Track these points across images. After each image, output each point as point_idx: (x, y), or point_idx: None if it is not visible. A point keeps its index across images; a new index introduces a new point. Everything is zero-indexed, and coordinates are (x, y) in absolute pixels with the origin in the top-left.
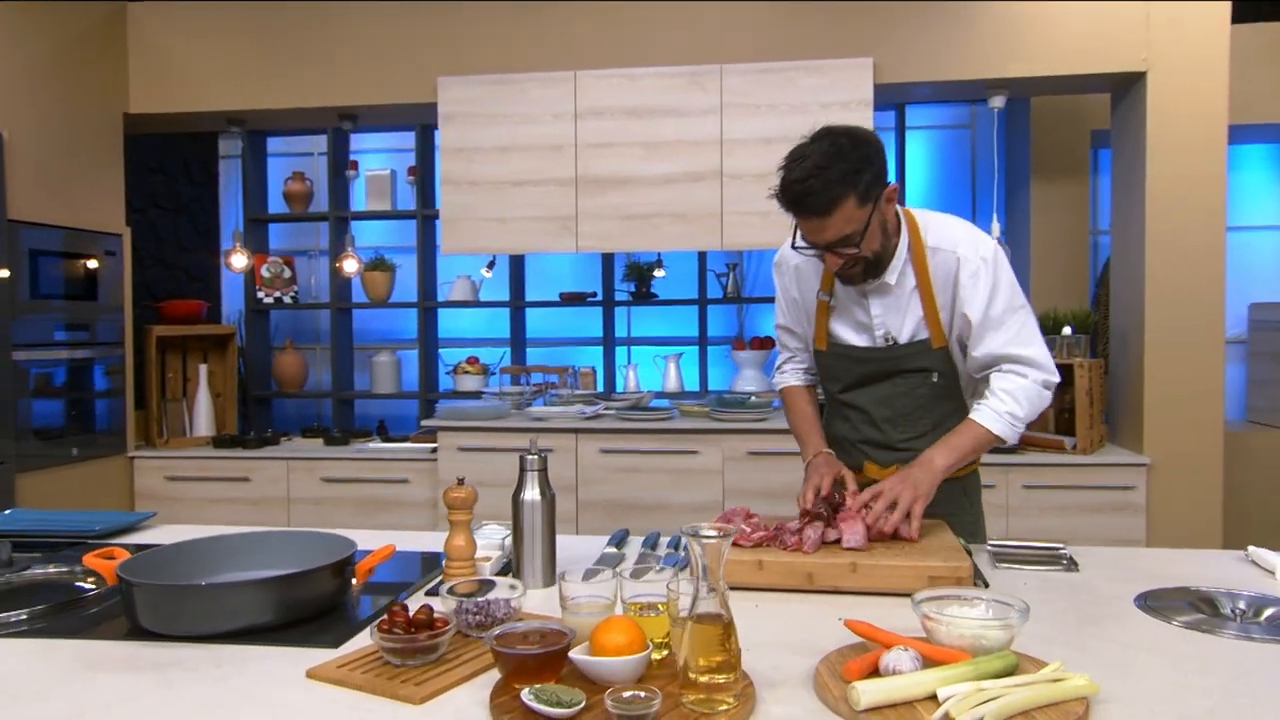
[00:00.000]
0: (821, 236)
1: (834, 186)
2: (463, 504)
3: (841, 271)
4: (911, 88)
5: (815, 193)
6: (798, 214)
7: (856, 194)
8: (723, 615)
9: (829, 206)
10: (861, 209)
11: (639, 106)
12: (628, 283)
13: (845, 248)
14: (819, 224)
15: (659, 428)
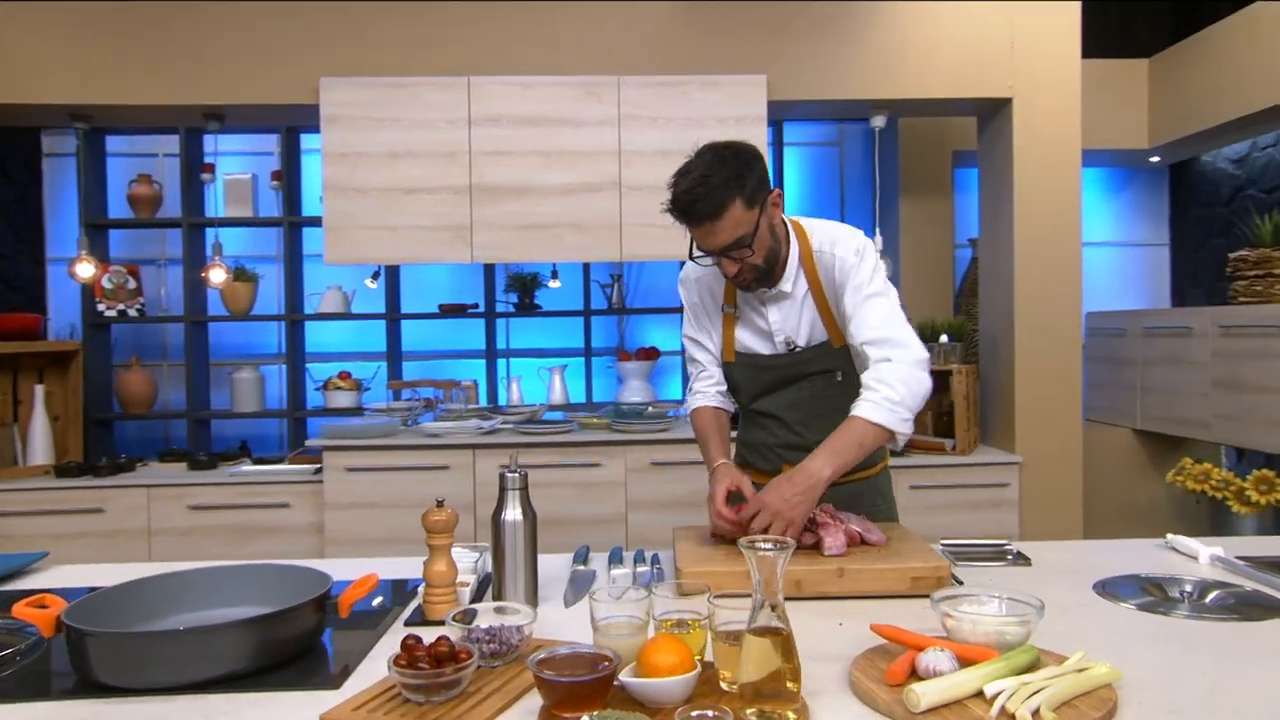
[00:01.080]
0: (714, 242)
1: (719, 192)
2: (444, 527)
3: (737, 278)
4: (801, 105)
5: (703, 199)
6: (689, 222)
7: (743, 198)
8: (783, 628)
9: (717, 211)
10: (749, 212)
11: (536, 115)
12: (510, 294)
13: (738, 251)
14: (710, 229)
15: (559, 440)
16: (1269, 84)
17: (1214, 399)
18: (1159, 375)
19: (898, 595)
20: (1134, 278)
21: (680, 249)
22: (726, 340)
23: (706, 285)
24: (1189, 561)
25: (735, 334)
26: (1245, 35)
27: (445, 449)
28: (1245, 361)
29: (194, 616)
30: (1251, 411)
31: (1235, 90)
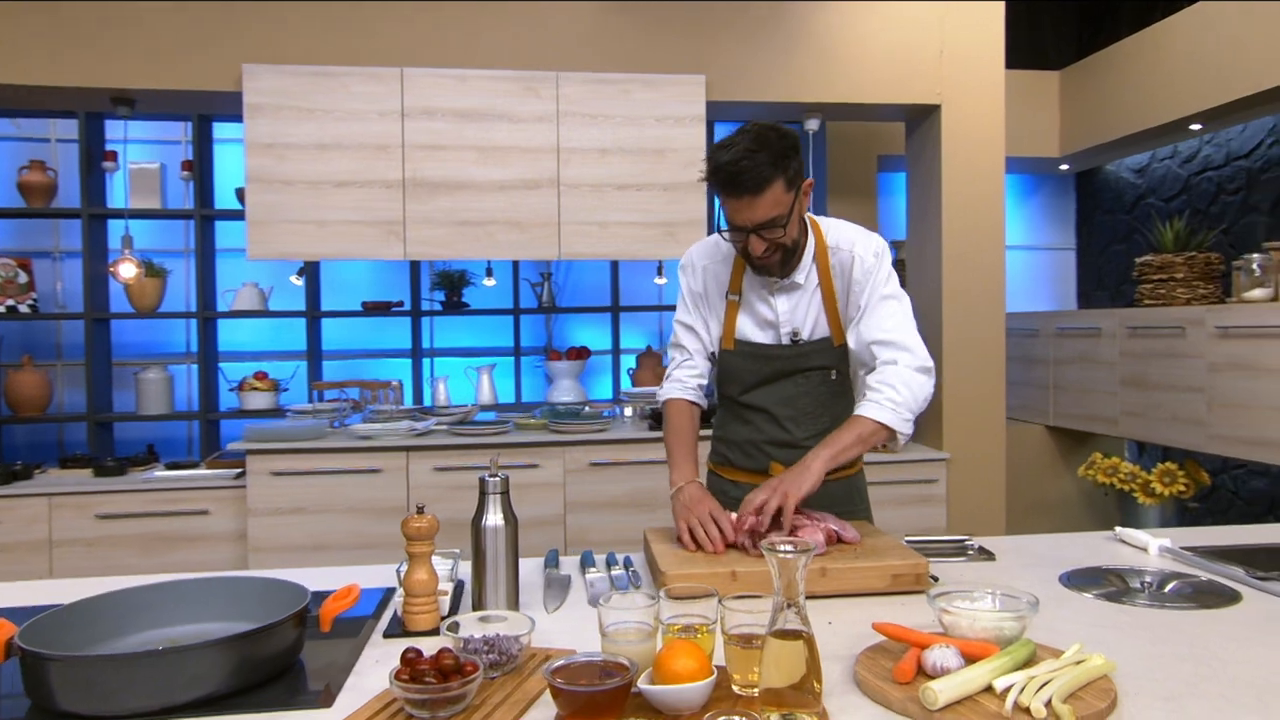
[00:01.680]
0: (751, 217)
1: (765, 168)
2: (425, 534)
3: (761, 258)
4: (739, 106)
5: (749, 171)
6: (731, 194)
7: (785, 178)
8: (805, 630)
9: (761, 186)
10: (788, 194)
11: (471, 109)
12: (436, 292)
13: (772, 230)
14: (750, 203)
15: (496, 442)
16: (1168, 101)
17: (1122, 396)
18: (1070, 374)
19: (878, 593)
20: (1043, 280)
21: (621, 250)
22: (727, 328)
23: (712, 271)
24: (1139, 553)
25: (737, 322)
26: (1149, 53)
27: (377, 451)
28: (1150, 361)
29: (156, 635)
30: (1156, 408)
31: (1138, 105)
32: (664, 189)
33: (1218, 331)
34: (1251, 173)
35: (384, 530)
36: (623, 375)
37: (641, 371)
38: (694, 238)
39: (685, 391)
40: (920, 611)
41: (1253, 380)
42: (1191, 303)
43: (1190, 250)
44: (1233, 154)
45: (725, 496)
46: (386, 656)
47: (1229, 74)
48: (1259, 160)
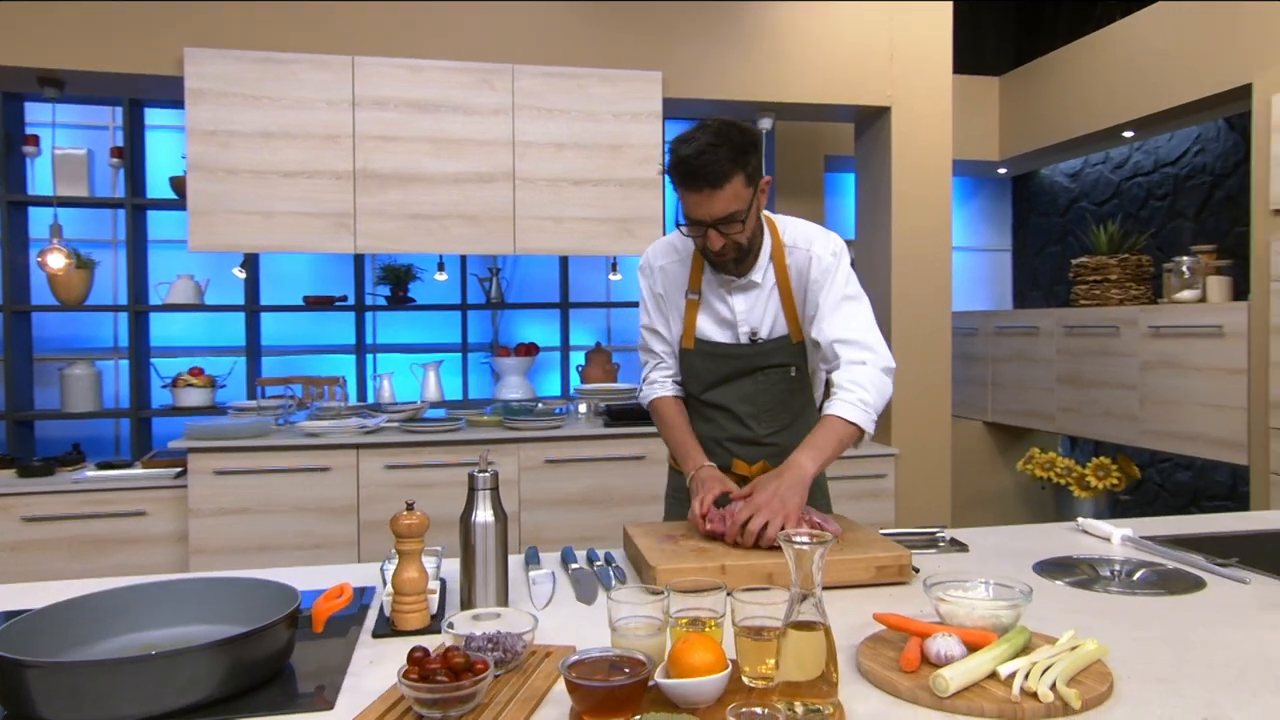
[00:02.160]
0: (709, 211)
1: (725, 163)
2: (415, 531)
3: (717, 255)
4: (695, 104)
5: (709, 166)
6: (690, 188)
7: (745, 174)
8: (823, 621)
9: (721, 180)
10: (747, 189)
11: (425, 100)
12: (381, 286)
13: (730, 225)
14: (710, 197)
15: (449, 439)
16: (1103, 108)
17: (1058, 393)
18: (1008, 371)
19: (863, 585)
20: (980, 280)
21: (577, 245)
22: (687, 326)
23: (671, 272)
24: (1102, 543)
25: (697, 321)
26: (1085, 62)
27: (326, 449)
28: (1086, 359)
29: (134, 640)
30: (1091, 404)
31: (1075, 111)
32: (620, 185)
33: (1150, 331)
34: (1178, 179)
35: (334, 530)
36: (572, 372)
37: (591, 368)
38: (651, 234)
39: (667, 389)
40: (905, 602)
41: (1183, 378)
42: (1124, 303)
43: (1123, 253)
44: (1161, 161)
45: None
46: (379, 657)
47: (1160, 84)
48: (1185, 168)
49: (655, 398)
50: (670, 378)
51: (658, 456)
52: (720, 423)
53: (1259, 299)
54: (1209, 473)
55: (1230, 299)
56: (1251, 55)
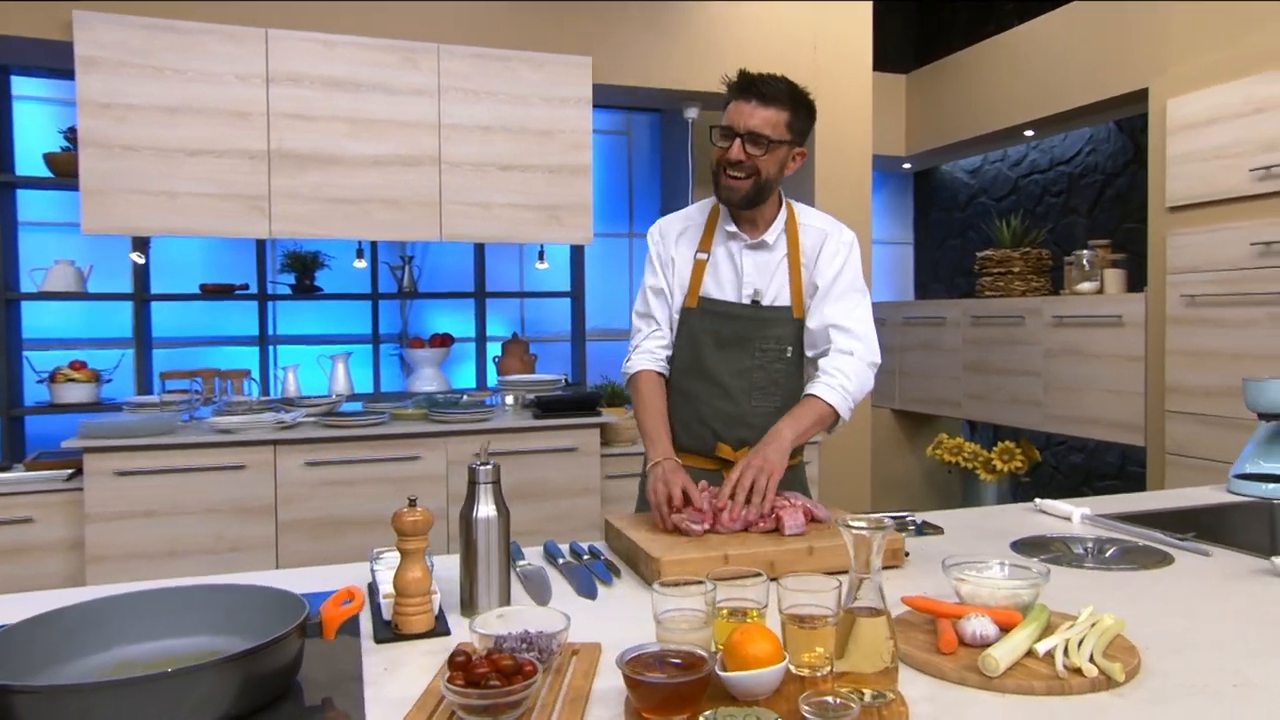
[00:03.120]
0: (747, 122)
1: (782, 92)
2: (420, 529)
3: (731, 173)
4: (622, 91)
5: (767, 83)
6: (739, 96)
7: (791, 116)
8: (882, 607)
9: (770, 100)
10: (787, 132)
11: (344, 78)
12: (285, 274)
13: (757, 145)
14: (752, 110)
15: (373, 433)
16: (1005, 109)
17: (964, 381)
18: (915, 360)
19: None
20: (883, 272)
21: (505, 232)
22: (693, 284)
23: (688, 235)
24: (1063, 522)
25: (703, 279)
26: (989, 63)
27: (239, 446)
28: (991, 348)
29: (112, 658)
30: (997, 391)
31: (978, 111)
32: (550, 171)
33: (1054, 320)
34: (1072, 177)
35: (249, 531)
36: (488, 364)
37: (508, 359)
38: (581, 222)
39: (655, 363)
40: (902, 584)
41: (1083, 365)
42: (1026, 294)
43: (1025, 246)
44: (1056, 159)
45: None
46: (393, 663)
47: (1061, 86)
48: (1079, 166)
49: (642, 369)
50: (663, 349)
51: (590, 448)
52: (707, 398)
53: (1156, 291)
54: (1100, 454)
55: (1124, 291)
56: (1148, 61)
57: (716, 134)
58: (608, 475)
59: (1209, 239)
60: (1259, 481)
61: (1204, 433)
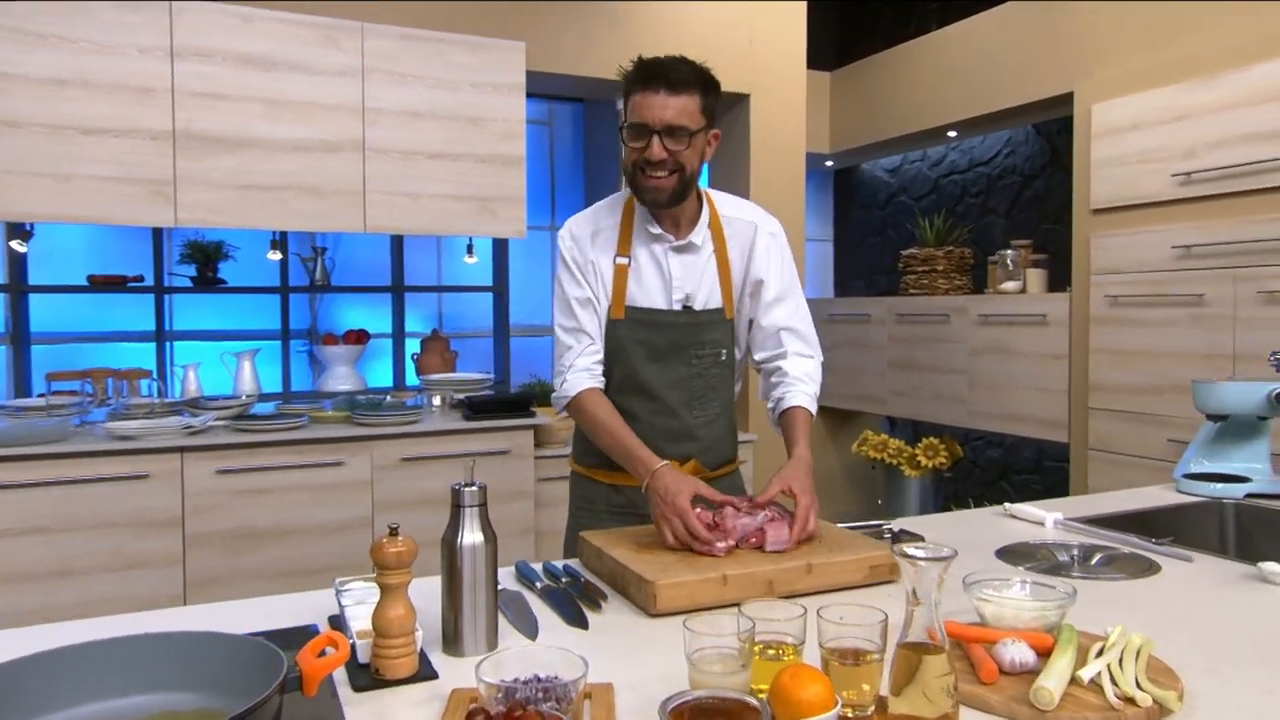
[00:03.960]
0: (661, 116)
1: (688, 75)
2: (404, 561)
3: (653, 174)
4: (555, 79)
5: (671, 69)
6: (647, 87)
7: (702, 98)
8: (943, 644)
9: (679, 87)
10: (700, 117)
11: (259, 55)
12: (185, 265)
13: (676, 140)
14: (665, 101)
15: (291, 438)
16: (930, 109)
17: (890, 378)
18: (840, 357)
19: (857, 585)
20: (805, 268)
21: (434, 224)
22: (616, 294)
23: (602, 236)
24: (1036, 527)
25: (627, 287)
26: (916, 63)
27: (142, 454)
28: (916, 345)
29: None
30: (922, 388)
31: (903, 110)
32: (481, 161)
33: (979, 319)
34: (991, 178)
35: (153, 546)
36: (407, 361)
37: (428, 357)
38: (514, 215)
39: (595, 380)
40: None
41: (1008, 362)
42: (950, 292)
43: (948, 245)
44: (975, 160)
45: (608, 504)
46: (380, 715)
47: (987, 88)
48: (997, 168)
49: (585, 389)
50: (599, 364)
51: (523, 451)
52: (644, 415)
53: (1079, 290)
54: (1017, 449)
55: (1045, 290)
56: (1072, 66)
57: (627, 133)
58: (541, 478)
59: (1132, 241)
60: (1207, 481)
61: (1126, 429)
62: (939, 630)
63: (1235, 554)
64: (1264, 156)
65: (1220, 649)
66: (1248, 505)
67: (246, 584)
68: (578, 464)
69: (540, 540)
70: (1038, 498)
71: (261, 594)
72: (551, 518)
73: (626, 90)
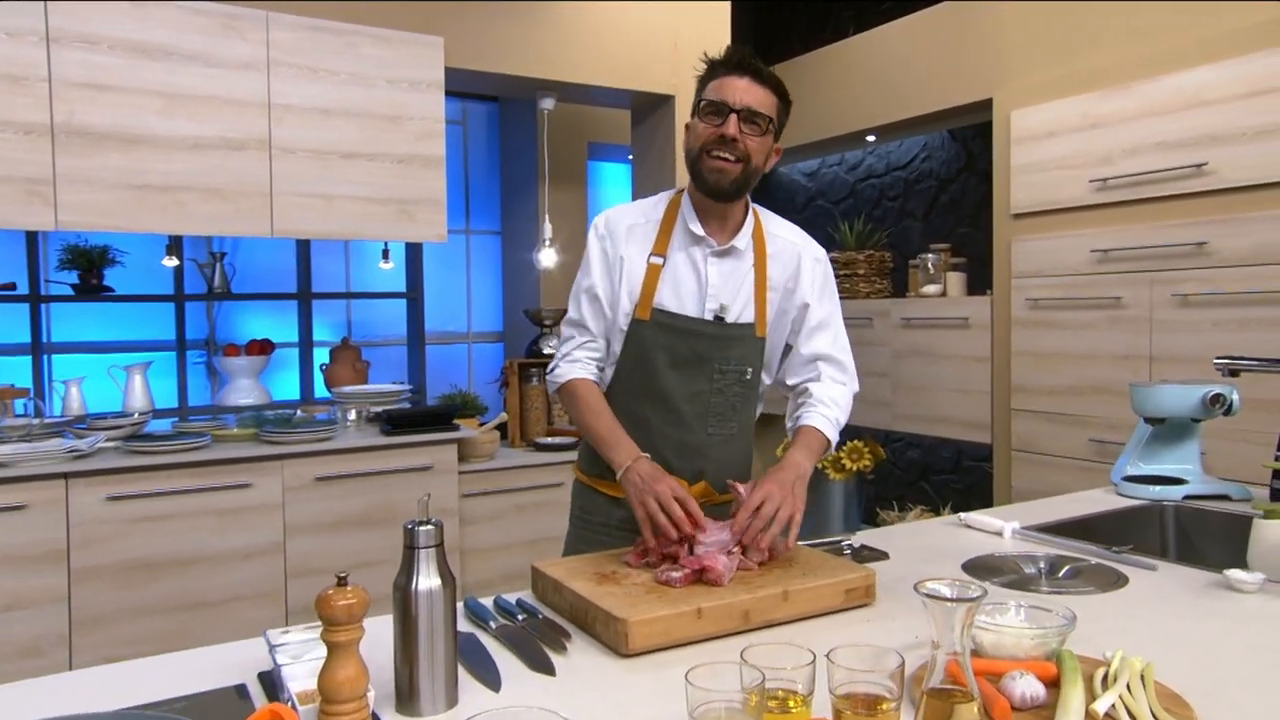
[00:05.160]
0: (743, 98)
1: (774, 79)
2: (355, 615)
3: (721, 155)
4: (475, 76)
5: (759, 64)
6: (733, 72)
7: (779, 103)
8: (971, 691)
9: (765, 80)
10: (775, 116)
11: (152, 44)
12: (65, 271)
13: (753, 125)
14: (749, 86)
15: (192, 459)
16: (851, 113)
17: None
18: None
19: (834, 611)
20: None
21: (349, 228)
22: (645, 293)
23: (638, 232)
24: (994, 538)
25: (657, 290)
26: (837, 68)
27: (19, 482)
28: None
29: None
30: None
31: (824, 114)
32: (399, 161)
33: (902, 322)
34: (908, 183)
35: (32, 585)
36: (316, 373)
37: (338, 368)
38: (434, 219)
39: (589, 372)
40: (879, 625)
41: (931, 365)
42: (871, 296)
43: (868, 249)
44: (892, 165)
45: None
46: None
47: (907, 94)
48: (914, 172)
49: (575, 378)
50: (595, 360)
51: (446, 466)
52: (657, 424)
53: (1001, 294)
54: (936, 450)
55: (965, 294)
56: (991, 73)
57: (704, 111)
58: (465, 494)
59: (1051, 245)
60: (1146, 484)
61: (1048, 429)
62: (968, 675)
63: (1177, 556)
64: (1175, 164)
65: (1218, 670)
66: (1186, 507)
67: (141, 621)
68: (582, 471)
69: (466, 560)
70: (958, 497)
71: (158, 630)
72: (476, 536)
73: (707, 76)
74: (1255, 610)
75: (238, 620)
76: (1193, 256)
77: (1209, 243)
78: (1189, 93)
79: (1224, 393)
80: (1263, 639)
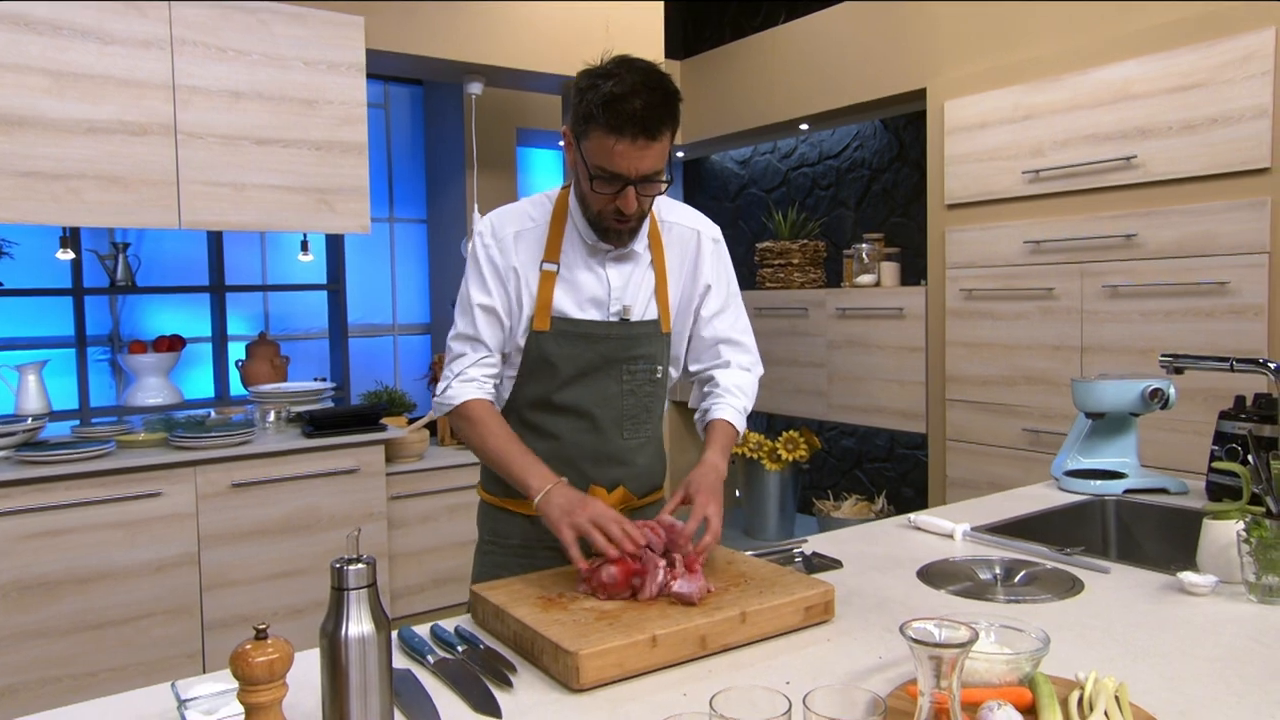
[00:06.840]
0: (639, 166)
1: (664, 112)
2: (277, 673)
3: (621, 222)
4: (397, 59)
5: (651, 111)
6: (624, 135)
7: (672, 129)
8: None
9: (659, 130)
10: (669, 160)
11: (39, 19)
12: None
13: (652, 185)
14: (643, 150)
15: (94, 468)
16: (783, 101)
17: None
18: None
19: (793, 629)
20: None
21: (264, 219)
22: (541, 303)
23: (526, 239)
24: (945, 540)
25: (554, 297)
26: (769, 55)
27: None
28: (774, 339)
29: None
30: (781, 382)
31: (756, 102)
32: (316, 148)
33: (837, 313)
34: (840, 171)
35: None
36: (231, 370)
37: (255, 364)
38: (356, 208)
39: (484, 392)
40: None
41: (867, 355)
42: (805, 286)
43: (801, 238)
44: (825, 153)
45: (524, 539)
46: None
47: (840, 82)
48: (847, 161)
49: (471, 399)
50: (492, 378)
51: (373, 468)
52: (569, 435)
53: (935, 284)
54: (870, 438)
55: (899, 283)
56: (924, 62)
57: (597, 181)
58: (394, 496)
59: (985, 235)
60: (1086, 479)
61: (982, 419)
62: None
63: (1121, 553)
64: (1104, 157)
65: (1186, 686)
66: (1127, 501)
67: (36, 644)
68: (487, 492)
69: (395, 565)
70: (892, 485)
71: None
72: (406, 539)
73: (587, 124)
74: (1212, 615)
75: (146, 639)
76: (1122, 248)
77: (1137, 235)
78: (1117, 86)
79: (1162, 388)
80: (1224, 649)
